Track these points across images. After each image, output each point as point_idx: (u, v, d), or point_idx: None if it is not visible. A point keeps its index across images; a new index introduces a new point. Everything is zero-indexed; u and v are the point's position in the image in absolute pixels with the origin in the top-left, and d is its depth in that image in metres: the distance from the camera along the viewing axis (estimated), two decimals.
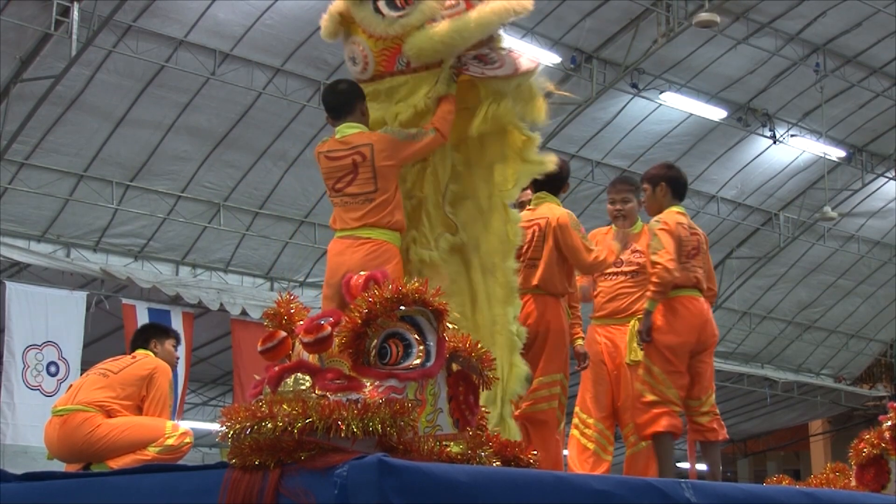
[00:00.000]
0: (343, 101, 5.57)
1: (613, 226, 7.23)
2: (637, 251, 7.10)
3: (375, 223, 5.38)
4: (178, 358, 7.93)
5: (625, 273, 7.12)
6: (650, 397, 6.57)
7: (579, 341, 7.08)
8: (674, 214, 6.84)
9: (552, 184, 6.72)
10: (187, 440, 6.94)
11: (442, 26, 5.45)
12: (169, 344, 7.45)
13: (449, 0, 5.54)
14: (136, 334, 7.71)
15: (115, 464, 6.56)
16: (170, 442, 6.82)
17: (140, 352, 7.25)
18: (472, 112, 5.65)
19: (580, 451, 7.10)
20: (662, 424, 6.53)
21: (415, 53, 5.49)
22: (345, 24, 5.70)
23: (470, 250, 5.66)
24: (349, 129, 5.49)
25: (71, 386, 7.42)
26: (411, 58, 5.53)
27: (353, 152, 5.42)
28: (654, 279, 6.61)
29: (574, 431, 7.17)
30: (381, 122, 5.61)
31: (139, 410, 6.94)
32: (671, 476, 6.45)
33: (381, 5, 5.50)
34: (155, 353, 7.25)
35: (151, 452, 6.72)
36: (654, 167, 7.26)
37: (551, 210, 6.71)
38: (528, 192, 6.81)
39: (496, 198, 5.72)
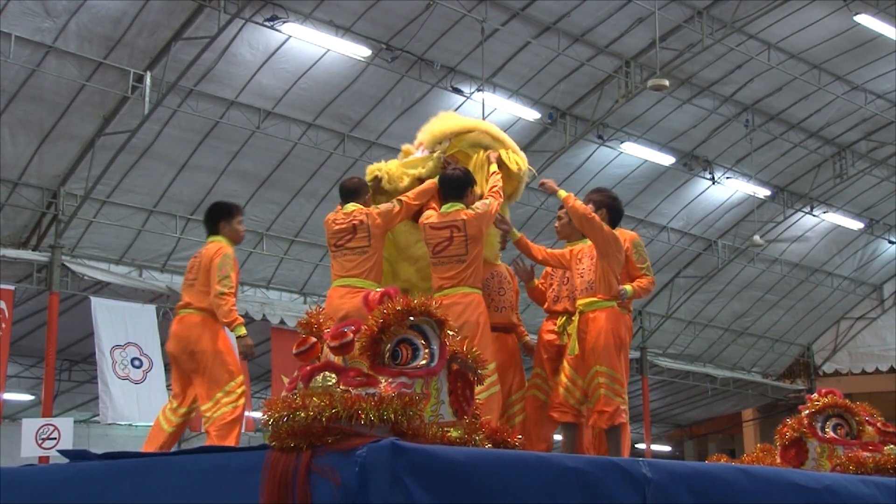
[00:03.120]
0: (353, 191, 6.39)
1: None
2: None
3: (367, 276, 6.06)
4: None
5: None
6: (616, 399, 6.20)
7: None
8: None
9: None
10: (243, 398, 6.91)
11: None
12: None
13: None
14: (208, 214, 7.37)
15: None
16: (239, 391, 6.78)
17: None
18: None
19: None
20: (624, 418, 6.30)
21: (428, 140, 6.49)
22: None
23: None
24: (352, 206, 6.28)
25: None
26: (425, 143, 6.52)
27: (353, 219, 6.18)
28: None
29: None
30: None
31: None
32: (626, 456, 6.29)
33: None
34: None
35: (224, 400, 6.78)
36: (602, 193, 6.49)
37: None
38: None
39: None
